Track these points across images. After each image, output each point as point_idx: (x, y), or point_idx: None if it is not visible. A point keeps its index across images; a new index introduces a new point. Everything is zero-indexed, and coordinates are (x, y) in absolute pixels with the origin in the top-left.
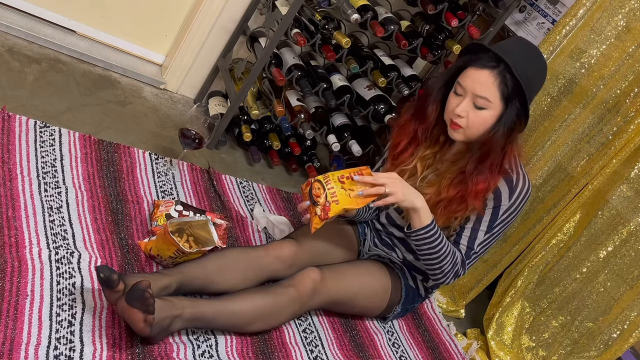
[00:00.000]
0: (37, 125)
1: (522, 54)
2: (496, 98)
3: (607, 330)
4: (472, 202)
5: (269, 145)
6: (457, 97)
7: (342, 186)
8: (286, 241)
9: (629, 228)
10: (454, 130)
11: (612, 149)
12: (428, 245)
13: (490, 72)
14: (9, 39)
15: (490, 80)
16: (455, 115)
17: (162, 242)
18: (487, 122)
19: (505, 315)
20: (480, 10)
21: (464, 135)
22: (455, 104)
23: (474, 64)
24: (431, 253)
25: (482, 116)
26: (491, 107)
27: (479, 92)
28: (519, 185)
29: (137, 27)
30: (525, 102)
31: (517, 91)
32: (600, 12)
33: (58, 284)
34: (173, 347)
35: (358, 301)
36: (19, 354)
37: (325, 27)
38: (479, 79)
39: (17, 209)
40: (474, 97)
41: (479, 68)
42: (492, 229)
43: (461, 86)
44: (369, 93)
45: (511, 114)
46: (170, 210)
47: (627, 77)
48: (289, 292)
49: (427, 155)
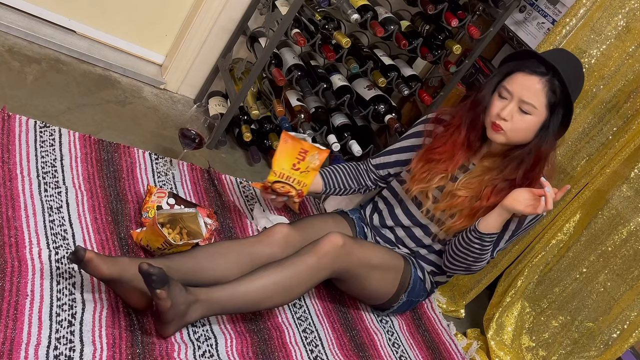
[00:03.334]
0: (37, 125)
1: (569, 65)
2: (542, 105)
3: (607, 330)
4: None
5: (269, 145)
6: (501, 100)
7: (300, 172)
8: (277, 225)
9: (629, 228)
10: (496, 132)
11: (612, 149)
12: (482, 248)
13: (539, 79)
14: (9, 39)
15: (539, 87)
16: (500, 118)
17: (151, 233)
18: (530, 128)
19: (505, 315)
20: (480, 10)
21: (506, 137)
22: (500, 107)
23: (523, 69)
24: (476, 254)
25: (526, 121)
26: (535, 113)
27: (525, 98)
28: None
29: (137, 27)
30: (570, 112)
31: (564, 100)
32: (600, 12)
33: (58, 284)
34: (174, 347)
35: (373, 278)
36: (19, 354)
37: (325, 27)
38: (527, 84)
39: (17, 209)
40: (520, 102)
41: (528, 74)
42: (512, 237)
43: (507, 90)
44: (369, 93)
45: (556, 122)
46: (162, 203)
47: (627, 77)
48: (307, 261)
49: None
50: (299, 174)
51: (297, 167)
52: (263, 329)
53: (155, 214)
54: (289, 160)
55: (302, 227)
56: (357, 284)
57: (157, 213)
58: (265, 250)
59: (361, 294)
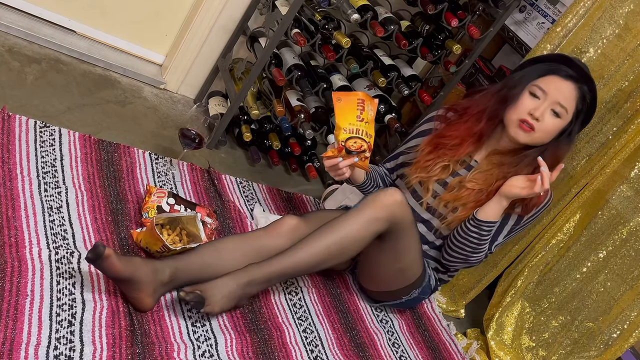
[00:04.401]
0: (37, 125)
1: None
2: (571, 110)
3: (607, 330)
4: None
5: (269, 145)
6: (533, 99)
7: (365, 122)
8: (285, 218)
9: (629, 228)
10: (523, 131)
11: (612, 149)
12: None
13: (574, 85)
14: (9, 39)
15: (573, 93)
16: (532, 117)
17: (150, 236)
18: (555, 130)
19: (505, 315)
20: (480, 10)
21: (532, 138)
22: (533, 106)
23: (559, 73)
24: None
25: (555, 123)
26: (565, 117)
27: (562, 101)
28: (547, 196)
29: (137, 27)
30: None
31: (587, 109)
32: (600, 12)
33: (58, 284)
34: (174, 346)
35: (412, 247)
36: (19, 354)
37: (325, 27)
38: (562, 88)
39: (17, 209)
40: (554, 103)
41: (564, 78)
42: (511, 233)
43: (542, 90)
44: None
45: (577, 128)
46: (162, 203)
47: (627, 77)
48: (365, 214)
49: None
50: (364, 125)
51: (361, 117)
52: (263, 329)
53: (153, 218)
54: (352, 114)
55: (310, 219)
56: (399, 247)
57: (155, 216)
58: (272, 242)
59: (391, 267)
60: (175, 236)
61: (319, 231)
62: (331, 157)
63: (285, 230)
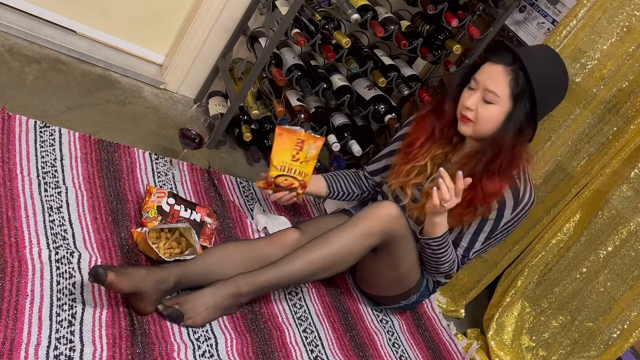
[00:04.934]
0: (37, 125)
1: (543, 59)
2: (505, 95)
3: (607, 330)
4: (480, 206)
5: (269, 145)
6: (469, 91)
7: (300, 162)
8: (289, 229)
9: (629, 228)
10: (463, 124)
11: (612, 149)
12: (433, 252)
13: (503, 68)
14: (9, 39)
15: (502, 76)
16: (465, 108)
17: (145, 244)
18: (494, 118)
19: (505, 315)
20: (480, 10)
21: (473, 129)
22: (466, 97)
23: (491, 59)
24: (432, 258)
25: (489, 111)
26: (499, 102)
27: (488, 86)
28: (524, 199)
29: (137, 27)
30: (537, 107)
31: (529, 92)
32: (601, 12)
33: (58, 284)
34: (174, 347)
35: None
36: (19, 354)
37: (325, 27)
38: (492, 73)
39: (17, 209)
40: (484, 91)
41: (494, 63)
42: (489, 239)
43: (475, 80)
44: (369, 93)
45: (519, 114)
46: (162, 203)
47: (627, 77)
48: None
49: (438, 154)
50: (299, 165)
51: (296, 157)
52: (263, 329)
53: (146, 230)
54: (288, 153)
55: (311, 232)
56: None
57: (150, 228)
58: (275, 252)
59: (388, 275)
60: (173, 241)
61: (313, 243)
62: (263, 188)
63: (289, 244)
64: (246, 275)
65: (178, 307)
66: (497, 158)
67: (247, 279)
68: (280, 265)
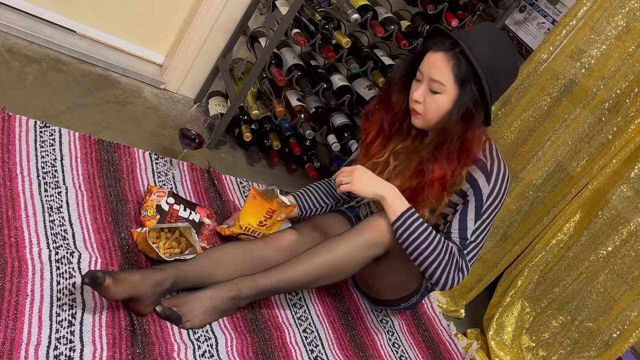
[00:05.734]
0: (37, 125)
1: (484, 39)
2: (450, 81)
3: (607, 330)
4: (429, 191)
5: (269, 145)
6: (417, 83)
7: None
8: (285, 231)
9: (629, 228)
10: (414, 117)
11: (612, 149)
12: (411, 235)
13: (444, 54)
14: (9, 39)
15: (443, 63)
16: (413, 101)
17: (145, 244)
18: (442, 108)
19: (505, 315)
20: (480, 10)
21: (423, 121)
22: (414, 90)
23: (430, 47)
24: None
25: (437, 101)
26: (445, 91)
27: (433, 76)
28: (494, 169)
29: (137, 27)
30: (482, 88)
31: (473, 75)
32: (601, 12)
33: (58, 284)
34: (174, 347)
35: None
36: (19, 354)
37: (325, 27)
38: (433, 62)
39: (17, 209)
40: (429, 81)
41: (435, 51)
42: (482, 216)
43: (420, 72)
44: (369, 93)
45: (465, 99)
46: (162, 202)
47: (627, 77)
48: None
49: (399, 149)
50: (264, 229)
51: (263, 223)
52: (263, 329)
53: (146, 230)
54: (256, 217)
55: (307, 233)
56: (398, 265)
57: (150, 227)
58: (271, 256)
59: (389, 281)
60: (173, 241)
61: (315, 249)
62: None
63: (285, 246)
64: (246, 278)
65: (177, 310)
66: (443, 144)
67: (247, 282)
68: (280, 270)
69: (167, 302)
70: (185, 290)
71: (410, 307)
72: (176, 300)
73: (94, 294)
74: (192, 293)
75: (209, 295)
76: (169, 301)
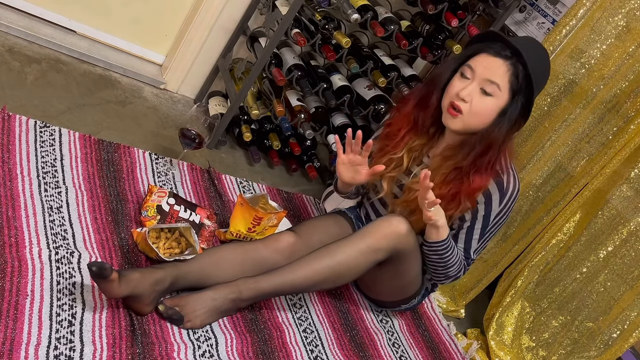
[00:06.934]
0: (37, 125)
1: (535, 52)
2: (506, 88)
3: (607, 330)
4: (465, 200)
5: (269, 145)
6: (463, 80)
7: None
8: (284, 233)
9: (629, 228)
10: (452, 116)
11: (612, 149)
12: (439, 256)
13: (504, 62)
14: (9, 39)
15: (503, 69)
16: (459, 99)
17: (145, 244)
18: (488, 112)
19: (505, 315)
20: (480, 10)
21: (462, 123)
22: (460, 87)
23: (488, 50)
24: (440, 263)
25: (486, 103)
26: (498, 96)
27: (490, 77)
28: (510, 189)
29: (137, 27)
30: (530, 100)
31: (526, 87)
32: (601, 12)
33: (58, 284)
34: (174, 346)
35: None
36: (19, 354)
37: (325, 27)
38: (491, 65)
39: (17, 209)
40: (483, 81)
41: (493, 55)
42: (484, 235)
43: (471, 69)
44: (369, 93)
45: (515, 110)
46: (162, 202)
47: (627, 77)
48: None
49: (415, 146)
50: (255, 235)
51: (253, 230)
52: (263, 329)
53: (146, 230)
54: (244, 224)
55: (306, 234)
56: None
57: (150, 227)
58: (270, 257)
59: (390, 284)
60: (173, 241)
61: (317, 253)
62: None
63: (284, 247)
64: (248, 280)
65: (179, 310)
66: (487, 153)
67: (248, 284)
68: (282, 273)
69: (169, 302)
70: (184, 290)
71: (411, 308)
72: (177, 300)
73: (94, 294)
74: (193, 293)
75: (210, 296)
76: (170, 301)
